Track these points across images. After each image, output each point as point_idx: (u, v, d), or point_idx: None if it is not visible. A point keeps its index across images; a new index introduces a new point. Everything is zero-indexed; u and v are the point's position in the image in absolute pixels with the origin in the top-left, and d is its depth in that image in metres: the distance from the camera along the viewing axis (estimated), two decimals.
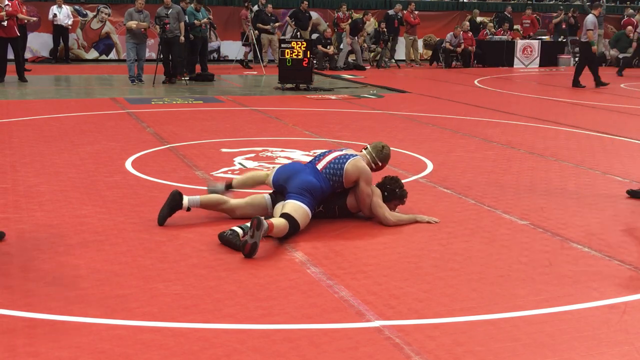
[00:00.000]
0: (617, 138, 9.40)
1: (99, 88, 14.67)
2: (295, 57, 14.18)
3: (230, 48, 21.29)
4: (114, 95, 12.99)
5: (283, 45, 14.37)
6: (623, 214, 5.79)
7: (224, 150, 7.97)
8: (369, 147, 5.58)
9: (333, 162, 5.26)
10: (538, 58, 22.17)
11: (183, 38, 14.88)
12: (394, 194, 5.46)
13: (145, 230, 5.05)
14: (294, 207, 4.97)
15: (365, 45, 21.15)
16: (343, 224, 5.31)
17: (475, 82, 17.10)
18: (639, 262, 4.65)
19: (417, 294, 4.01)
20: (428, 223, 5.35)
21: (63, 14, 18.96)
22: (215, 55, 21.65)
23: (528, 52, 22.09)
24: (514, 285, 4.18)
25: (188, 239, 4.89)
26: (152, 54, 19.00)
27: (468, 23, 22.13)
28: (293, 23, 20.45)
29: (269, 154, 7.75)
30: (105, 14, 20.77)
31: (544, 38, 22.86)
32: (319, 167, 5.26)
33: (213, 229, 5.08)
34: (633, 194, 6.25)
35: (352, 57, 20.53)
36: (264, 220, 4.58)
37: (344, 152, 5.42)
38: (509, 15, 23.36)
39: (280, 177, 5.26)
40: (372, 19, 22.22)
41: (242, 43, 19.59)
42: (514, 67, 21.80)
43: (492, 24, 23.39)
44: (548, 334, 3.54)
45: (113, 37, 20.88)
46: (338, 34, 20.99)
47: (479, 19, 23.53)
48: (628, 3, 27.85)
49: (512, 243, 4.97)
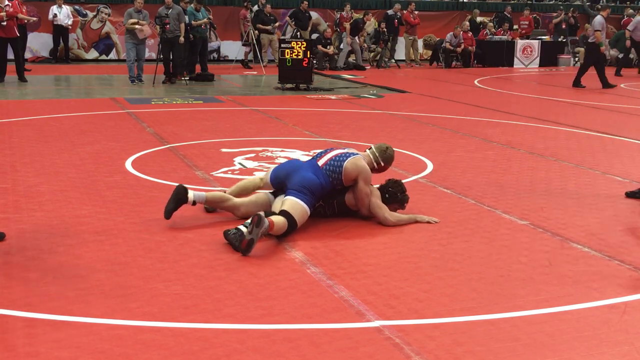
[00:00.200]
0: (617, 138, 9.40)
1: (99, 88, 14.66)
2: (295, 57, 14.18)
3: (230, 48, 21.29)
4: (114, 95, 12.98)
5: (283, 45, 14.36)
6: (623, 214, 5.79)
7: (224, 150, 7.97)
8: (373, 147, 5.59)
9: (334, 159, 5.28)
10: (538, 58, 22.16)
11: (183, 39, 14.87)
12: (395, 197, 5.47)
13: (145, 230, 5.06)
14: (293, 204, 4.98)
15: (366, 45, 21.15)
16: (343, 224, 5.31)
17: (475, 82, 17.10)
18: (639, 262, 4.65)
19: (417, 294, 4.01)
20: (428, 223, 5.36)
21: (63, 14, 18.95)
22: (215, 55, 21.65)
23: (528, 52, 22.08)
24: (514, 285, 4.18)
25: (188, 239, 4.89)
26: (152, 54, 19.00)
27: (468, 23, 22.13)
28: (293, 23, 20.44)
29: (269, 154, 7.75)
30: (105, 14, 20.77)
31: (544, 38, 22.85)
32: (320, 163, 5.28)
33: (213, 229, 5.08)
34: (632, 195, 6.26)
35: (352, 57, 20.53)
36: (265, 218, 4.60)
37: (346, 150, 5.44)
38: (509, 15, 23.35)
39: (280, 174, 5.27)
40: (372, 19, 22.21)
41: (242, 43, 19.58)
42: (514, 67, 21.80)
43: (492, 24, 23.38)
44: (548, 334, 3.54)
45: (113, 37, 20.88)
46: (338, 34, 20.98)
47: (479, 19, 23.53)
48: (628, 3, 27.85)
49: (512, 243, 4.97)
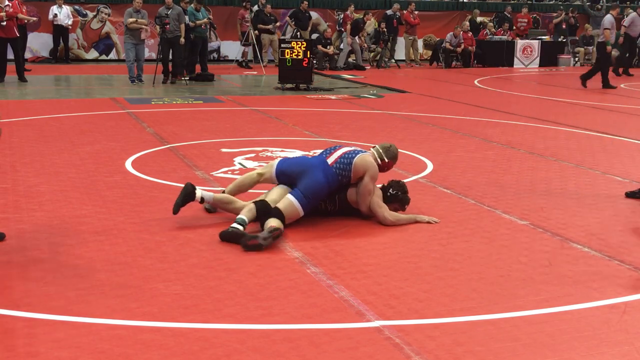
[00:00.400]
0: (617, 138, 9.40)
1: (99, 88, 14.66)
2: (295, 57, 14.17)
3: (230, 48, 21.28)
4: (114, 95, 12.98)
5: (283, 45, 14.36)
6: (623, 214, 5.79)
7: (224, 150, 7.97)
8: (377, 146, 5.65)
9: (343, 157, 5.31)
10: (538, 58, 22.15)
11: (183, 40, 14.86)
12: (396, 197, 5.50)
13: (145, 230, 5.06)
14: (289, 205, 5.09)
15: (366, 45, 21.15)
16: (343, 224, 5.32)
17: (475, 82, 17.10)
18: (639, 262, 4.65)
19: (417, 294, 4.01)
20: (428, 223, 5.36)
21: (63, 14, 18.94)
22: (215, 55, 21.63)
23: (528, 52, 22.08)
24: (514, 285, 4.18)
25: (188, 239, 4.89)
26: (152, 54, 19.00)
27: (468, 23, 22.12)
28: (293, 23, 20.44)
29: (269, 154, 7.75)
30: (105, 14, 20.76)
31: (544, 38, 22.84)
32: (330, 161, 5.30)
33: (213, 230, 5.08)
34: (632, 195, 6.26)
35: (352, 57, 20.53)
36: (282, 232, 4.85)
37: (354, 148, 5.49)
38: (509, 15, 23.34)
39: (287, 170, 5.31)
40: (372, 19, 22.21)
41: (241, 43, 19.55)
42: (514, 67, 21.79)
43: (492, 24, 23.37)
44: (548, 334, 3.54)
45: (113, 37, 20.87)
46: (338, 34, 20.95)
47: (479, 19, 23.52)
48: (628, 3, 27.85)
49: (512, 243, 4.97)
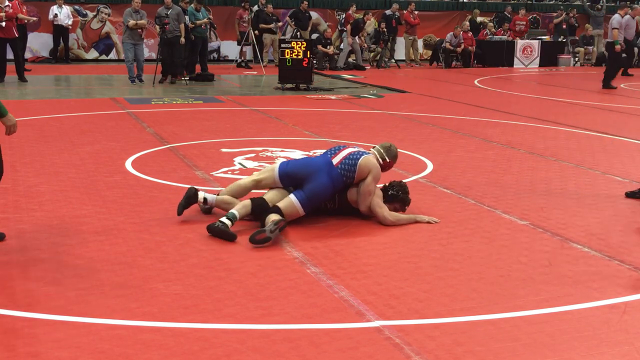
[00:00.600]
0: (617, 138, 9.40)
1: (99, 88, 14.66)
2: (295, 57, 14.17)
3: (230, 48, 21.27)
4: (114, 95, 12.98)
5: (283, 45, 14.36)
6: (623, 214, 5.79)
7: (224, 150, 7.97)
8: (377, 146, 5.66)
9: (348, 157, 5.33)
10: (538, 58, 22.15)
11: (184, 40, 14.86)
12: (397, 197, 5.51)
13: (145, 230, 5.06)
14: (289, 205, 5.15)
15: (366, 45, 21.14)
16: (343, 224, 5.32)
17: (475, 82, 17.10)
18: (639, 262, 4.65)
19: (417, 294, 4.01)
20: (428, 223, 5.36)
21: (63, 14, 18.94)
22: (215, 55, 21.64)
23: (528, 52, 22.08)
24: (514, 285, 4.18)
25: (188, 239, 4.89)
26: (152, 54, 19.00)
27: (468, 23, 22.11)
28: (293, 23, 20.43)
29: (269, 154, 7.75)
30: (105, 14, 20.76)
31: (544, 38, 22.84)
32: (335, 161, 5.31)
33: None
34: (632, 195, 6.26)
35: (352, 57, 20.53)
36: (287, 223, 4.99)
37: (357, 149, 5.51)
38: (509, 15, 23.33)
39: (292, 173, 5.31)
40: (372, 19, 22.21)
41: (242, 43, 19.48)
42: (514, 67, 21.79)
43: (492, 24, 23.37)
44: (548, 334, 3.54)
45: (113, 37, 20.87)
46: (339, 34, 20.92)
47: (479, 19, 23.51)
48: (628, 3, 27.86)
49: (512, 243, 4.97)
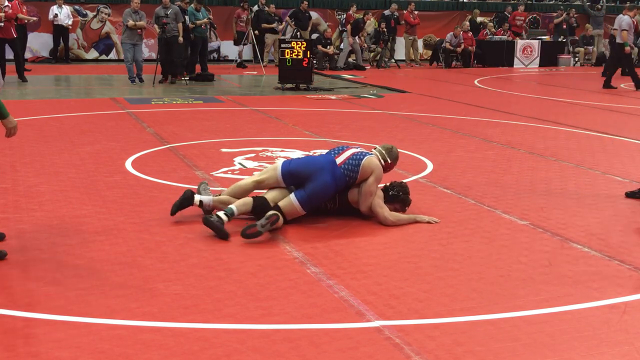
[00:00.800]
0: (617, 138, 9.40)
1: (99, 88, 14.66)
2: (295, 57, 14.17)
3: (230, 48, 21.25)
4: (114, 95, 12.98)
5: (283, 45, 14.36)
6: (623, 214, 5.79)
7: (224, 150, 7.97)
8: (378, 147, 5.67)
9: (351, 158, 5.34)
10: (538, 58, 22.15)
11: (182, 39, 14.86)
12: (398, 198, 5.52)
13: (145, 230, 5.06)
14: (289, 204, 5.16)
15: (366, 45, 21.14)
16: (343, 224, 5.32)
17: (475, 82, 17.10)
18: (639, 262, 4.65)
19: (417, 294, 4.01)
20: (428, 223, 5.37)
21: (63, 14, 18.93)
22: (215, 55, 21.63)
23: (528, 52, 22.07)
24: (514, 285, 4.18)
25: (188, 239, 4.89)
26: (152, 54, 18.99)
27: (468, 23, 22.11)
28: (293, 23, 20.43)
29: (269, 154, 7.75)
30: (105, 14, 20.76)
31: (544, 38, 22.84)
32: (339, 161, 5.32)
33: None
34: (632, 195, 6.26)
35: (352, 57, 20.53)
36: (279, 217, 5.00)
37: (360, 149, 5.51)
38: (509, 15, 23.33)
39: (295, 172, 5.31)
40: (372, 19, 22.21)
41: (242, 42, 19.45)
42: (514, 67, 21.78)
43: (492, 24, 23.36)
44: (548, 334, 3.54)
45: (113, 37, 20.86)
46: (339, 34, 20.90)
47: (479, 19, 23.51)
48: (628, 3, 27.85)
49: (512, 243, 4.97)
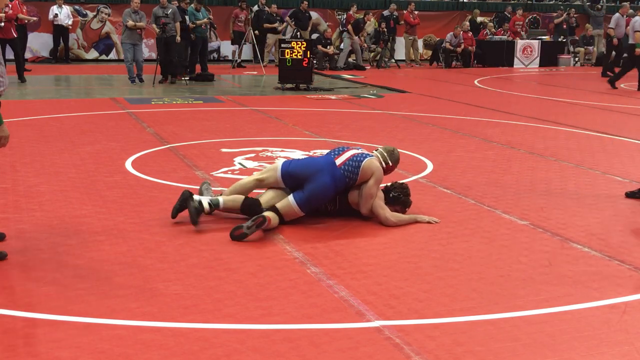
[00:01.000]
0: (617, 138, 9.40)
1: (99, 88, 14.66)
2: (295, 57, 14.17)
3: (230, 48, 21.27)
4: (114, 95, 12.98)
5: (283, 45, 14.36)
6: (623, 214, 5.79)
7: (224, 150, 7.97)
8: (380, 148, 5.66)
9: (352, 159, 5.33)
10: (538, 58, 22.15)
11: (179, 38, 14.86)
12: (398, 199, 5.51)
13: (145, 230, 5.06)
14: (286, 205, 5.16)
15: (366, 45, 21.14)
16: (343, 224, 5.32)
17: (475, 82, 17.10)
18: (639, 262, 4.65)
19: (417, 294, 4.01)
20: (428, 223, 5.37)
21: (63, 14, 18.93)
22: (215, 55, 21.64)
23: (528, 52, 22.08)
24: (514, 285, 4.18)
25: (188, 239, 4.89)
26: (152, 54, 18.98)
27: (468, 23, 22.11)
28: (293, 23, 20.43)
29: (269, 154, 7.75)
30: (105, 14, 20.77)
31: (544, 38, 22.84)
32: (338, 162, 5.31)
33: (213, 229, 5.09)
34: (632, 195, 6.26)
35: (352, 57, 20.53)
36: (267, 220, 4.93)
37: (360, 150, 5.50)
38: (509, 15, 23.33)
39: (294, 173, 5.30)
40: (372, 19, 22.21)
41: (242, 42, 19.45)
42: (514, 67, 21.78)
43: (492, 24, 23.36)
44: (548, 334, 3.54)
45: (113, 37, 20.87)
46: (339, 34, 20.88)
47: (479, 19, 23.51)
48: (628, 3, 27.85)
49: (512, 243, 4.97)
